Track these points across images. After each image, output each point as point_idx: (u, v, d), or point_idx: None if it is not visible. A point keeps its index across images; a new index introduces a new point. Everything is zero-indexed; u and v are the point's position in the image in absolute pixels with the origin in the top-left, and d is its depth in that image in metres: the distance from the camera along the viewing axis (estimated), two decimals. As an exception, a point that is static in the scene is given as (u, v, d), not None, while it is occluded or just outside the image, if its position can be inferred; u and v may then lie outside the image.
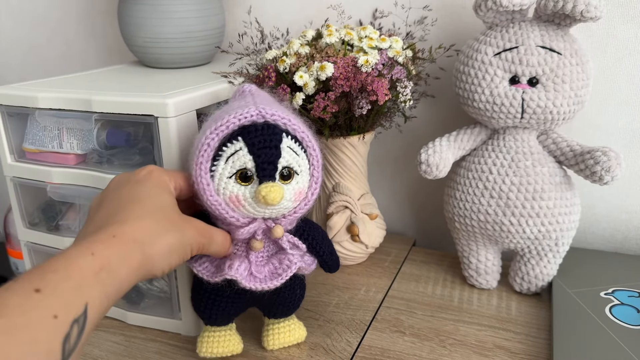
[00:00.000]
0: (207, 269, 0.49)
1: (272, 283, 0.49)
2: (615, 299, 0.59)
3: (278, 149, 0.45)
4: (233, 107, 0.46)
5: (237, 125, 0.44)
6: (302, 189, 0.47)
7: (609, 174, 0.55)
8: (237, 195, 0.45)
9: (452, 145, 0.62)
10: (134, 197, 0.42)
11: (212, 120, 0.46)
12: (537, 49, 0.56)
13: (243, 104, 0.46)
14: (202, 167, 0.45)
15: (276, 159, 0.45)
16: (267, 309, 0.55)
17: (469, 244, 0.65)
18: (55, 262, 0.34)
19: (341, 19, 0.74)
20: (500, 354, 0.54)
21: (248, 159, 0.44)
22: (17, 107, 0.58)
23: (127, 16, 0.69)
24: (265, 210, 0.46)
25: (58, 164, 0.59)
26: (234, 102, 0.48)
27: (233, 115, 0.44)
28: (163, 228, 0.40)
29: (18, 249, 0.84)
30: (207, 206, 0.45)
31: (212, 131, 0.44)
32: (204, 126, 0.47)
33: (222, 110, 0.47)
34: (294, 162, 0.46)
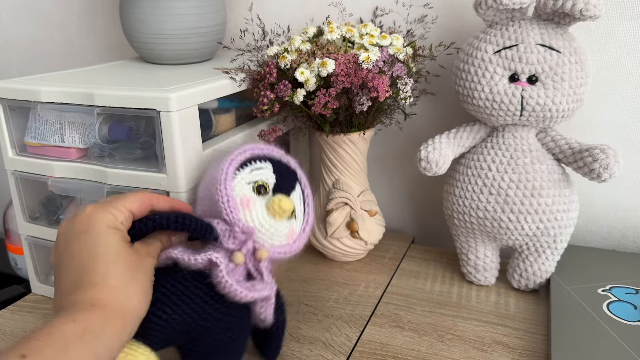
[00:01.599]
0: (188, 252, 0.45)
1: (246, 291, 0.45)
2: (613, 295, 0.59)
3: (294, 183, 0.51)
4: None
5: (267, 154, 0.51)
6: (295, 230, 0.50)
7: (607, 172, 0.55)
8: (249, 199, 0.47)
9: (452, 143, 0.62)
10: (88, 253, 0.40)
11: (240, 146, 0.51)
12: (536, 47, 0.57)
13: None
14: (232, 165, 0.48)
15: (291, 189, 0.50)
16: (189, 350, 0.47)
17: (468, 241, 0.65)
18: (39, 331, 0.35)
19: (342, 16, 0.74)
20: (499, 349, 0.55)
21: (270, 176, 0.49)
22: (19, 101, 0.58)
23: (129, 12, 0.69)
24: (266, 225, 0.47)
25: (60, 158, 0.59)
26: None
27: (265, 146, 0.51)
28: (131, 276, 0.40)
29: (17, 244, 0.84)
30: (219, 197, 0.47)
31: (249, 147, 0.50)
32: (232, 149, 0.51)
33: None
34: (297, 205, 0.50)
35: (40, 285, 0.66)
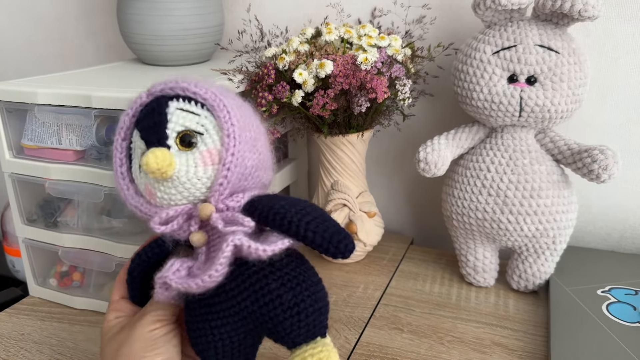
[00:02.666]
0: (181, 279, 0.38)
1: (209, 276, 0.37)
2: (612, 296, 0.59)
3: (162, 115, 0.39)
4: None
5: (131, 121, 0.40)
6: (212, 149, 0.39)
7: (606, 172, 0.55)
8: (147, 185, 0.39)
9: (451, 144, 0.62)
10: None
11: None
12: (535, 47, 0.57)
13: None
14: (120, 174, 0.41)
15: (160, 125, 0.38)
16: (274, 333, 0.39)
17: (467, 242, 0.65)
18: None
19: (340, 17, 0.74)
20: (498, 351, 0.55)
21: (141, 143, 0.39)
22: (16, 103, 0.58)
23: (126, 13, 0.69)
24: (173, 190, 0.38)
25: (57, 160, 0.59)
26: None
27: (126, 113, 0.41)
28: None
29: (15, 246, 0.84)
30: (134, 212, 0.41)
31: (116, 137, 0.41)
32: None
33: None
34: (191, 124, 0.38)
35: (37, 288, 0.66)
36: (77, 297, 0.63)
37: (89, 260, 0.61)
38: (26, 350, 0.56)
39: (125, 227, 0.59)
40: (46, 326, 0.61)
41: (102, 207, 0.60)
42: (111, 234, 0.59)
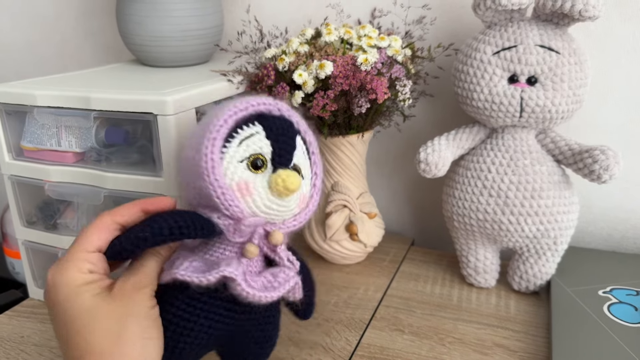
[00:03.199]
0: (196, 269, 0.40)
1: (268, 294, 0.41)
2: (614, 297, 0.59)
3: (294, 140, 0.43)
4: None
5: (255, 110, 0.42)
6: (306, 194, 0.44)
7: (607, 173, 0.55)
8: (247, 182, 0.40)
9: (451, 144, 0.62)
10: (64, 326, 0.36)
11: (219, 108, 0.42)
12: (535, 48, 0.56)
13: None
14: (216, 144, 0.40)
15: (292, 149, 0.42)
16: (232, 355, 0.46)
17: (468, 243, 0.65)
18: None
19: (340, 17, 0.74)
20: (499, 352, 0.54)
21: (265, 144, 0.41)
22: (16, 105, 0.58)
23: (125, 14, 0.69)
24: (273, 205, 0.41)
25: (56, 162, 0.58)
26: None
27: (250, 100, 0.42)
28: (118, 331, 0.36)
29: (15, 248, 0.84)
30: (211, 191, 0.39)
31: (230, 110, 0.41)
32: (208, 116, 0.43)
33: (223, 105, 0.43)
34: (302, 164, 0.43)
35: (37, 290, 0.66)
36: (77, 299, 0.63)
37: (89, 262, 0.60)
38: (26, 353, 0.56)
39: (125, 229, 0.59)
40: (46, 328, 0.60)
41: (102, 209, 0.60)
42: (111, 236, 0.59)
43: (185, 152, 0.43)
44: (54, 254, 0.62)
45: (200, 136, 0.40)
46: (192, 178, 0.41)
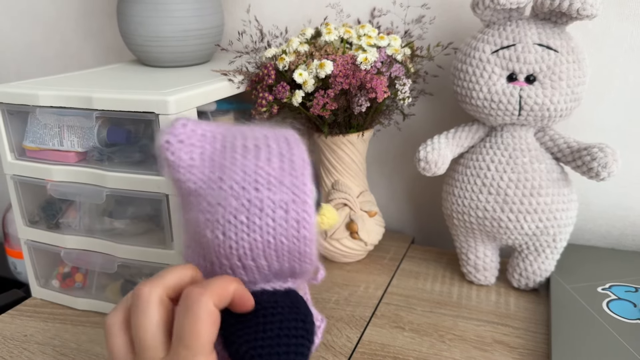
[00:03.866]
0: None
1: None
2: (613, 294, 0.59)
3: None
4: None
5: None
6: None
7: (606, 170, 0.55)
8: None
9: (451, 143, 0.63)
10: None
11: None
12: (534, 46, 0.57)
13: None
14: (311, 195, 0.36)
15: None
16: None
17: (468, 241, 0.65)
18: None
19: (340, 17, 0.74)
20: (499, 349, 0.55)
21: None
22: (18, 105, 0.58)
23: (126, 15, 0.69)
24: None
25: (58, 161, 0.59)
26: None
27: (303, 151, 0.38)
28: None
29: (17, 248, 0.84)
30: (306, 263, 0.36)
31: (306, 160, 0.37)
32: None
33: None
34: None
35: (40, 290, 0.66)
36: (79, 298, 0.63)
37: (91, 261, 0.61)
38: (29, 352, 0.57)
39: (127, 228, 0.60)
40: (49, 327, 0.61)
41: (104, 209, 0.60)
42: (113, 235, 0.59)
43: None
44: (56, 253, 0.63)
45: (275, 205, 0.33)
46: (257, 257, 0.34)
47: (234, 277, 0.34)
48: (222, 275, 0.34)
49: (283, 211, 0.33)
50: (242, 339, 0.32)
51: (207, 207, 0.34)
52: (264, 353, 0.32)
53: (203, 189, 0.34)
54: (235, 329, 0.33)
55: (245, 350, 0.32)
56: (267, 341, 0.32)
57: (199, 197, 0.34)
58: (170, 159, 0.34)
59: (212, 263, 0.35)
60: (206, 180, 0.34)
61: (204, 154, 0.34)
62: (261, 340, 0.32)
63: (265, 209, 0.33)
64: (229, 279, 0.33)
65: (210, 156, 0.35)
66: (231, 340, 0.32)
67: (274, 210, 0.33)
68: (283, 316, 0.34)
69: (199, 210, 0.34)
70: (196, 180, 0.34)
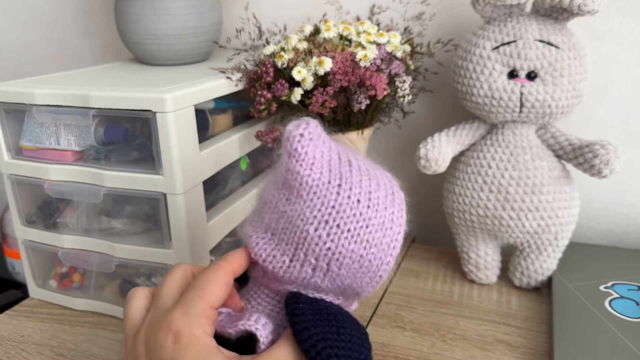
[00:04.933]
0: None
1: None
2: (615, 292, 0.59)
3: None
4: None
5: None
6: None
7: (608, 167, 0.55)
8: None
9: (451, 140, 0.62)
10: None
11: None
12: (535, 42, 0.56)
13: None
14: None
15: None
16: None
17: (469, 239, 0.65)
18: None
19: (339, 14, 0.74)
20: (501, 348, 0.54)
21: None
22: (14, 104, 0.58)
23: (124, 13, 0.69)
24: None
25: (55, 160, 0.58)
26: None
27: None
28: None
29: (15, 248, 0.84)
30: (376, 282, 0.39)
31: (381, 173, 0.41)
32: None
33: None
34: None
35: (38, 290, 0.66)
36: (77, 298, 0.63)
37: (89, 261, 0.60)
38: (27, 352, 0.56)
39: (125, 228, 0.59)
40: (46, 328, 0.60)
41: (102, 208, 0.60)
42: (111, 234, 0.59)
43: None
44: (53, 253, 0.62)
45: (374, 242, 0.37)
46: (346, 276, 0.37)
47: (304, 276, 0.37)
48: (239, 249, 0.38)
49: (382, 234, 0.37)
50: (319, 335, 0.34)
51: (319, 206, 0.36)
52: (341, 354, 0.34)
53: (320, 188, 0.36)
54: (310, 324, 0.35)
55: (323, 347, 0.34)
56: (343, 344, 0.35)
57: (312, 195, 0.36)
58: (299, 151, 0.36)
59: (295, 259, 0.37)
60: (325, 181, 0.36)
61: (323, 158, 0.37)
62: (337, 342, 0.34)
63: (370, 226, 0.37)
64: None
65: (328, 162, 0.37)
66: (307, 334, 0.34)
67: (377, 230, 0.37)
68: (351, 325, 0.36)
69: (307, 206, 0.36)
70: (315, 178, 0.36)
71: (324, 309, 0.37)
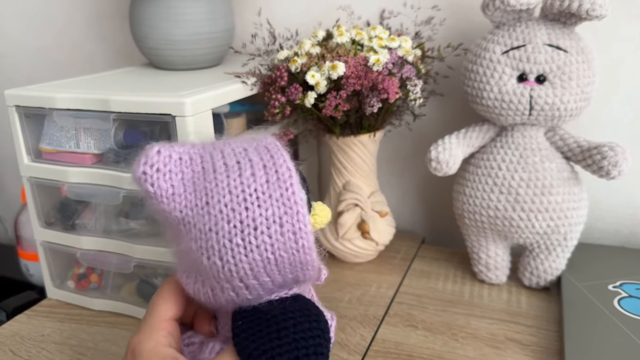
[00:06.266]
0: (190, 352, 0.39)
1: None
2: (624, 291, 0.60)
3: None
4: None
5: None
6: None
7: (616, 169, 0.56)
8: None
9: (462, 143, 0.63)
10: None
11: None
12: (544, 47, 0.57)
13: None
14: (306, 217, 0.35)
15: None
16: None
17: (479, 240, 0.66)
18: None
19: (350, 19, 0.75)
20: (512, 346, 0.55)
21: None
22: (35, 108, 0.59)
23: (139, 19, 0.70)
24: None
25: (75, 163, 0.59)
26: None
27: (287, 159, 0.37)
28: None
29: (29, 250, 0.85)
30: (308, 267, 0.35)
31: (287, 160, 0.36)
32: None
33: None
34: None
35: (55, 290, 0.67)
36: (95, 298, 0.64)
37: (107, 261, 0.62)
38: (47, 351, 0.57)
39: (143, 229, 0.60)
40: (65, 327, 0.62)
41: (120, 209, 0.61)
42: (129, 235, 0.60)
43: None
44: (71, 254, 0.63)
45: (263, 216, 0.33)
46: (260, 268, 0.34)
47: (231, 298, 0.34)
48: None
49: (278, 225, 0.33)
50: (259, 350, 0.32)
51: (198, 234, 0.33)
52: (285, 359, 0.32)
53: (190, 216, 0.33)
54: (249, 342, 0.33)
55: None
56: (285, 347, 0.32)
57: (188, 225, 0.34)
58: (150, 190, 0.33)
59: (214, 287, 0.34)
60: (192, 206, 0.33)
61: (184, 179, 0.34)
62: (278, 347, 0.32)
63: (259, 226, 0.33)
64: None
65: (191, 180, 0.34)
66: (247, 353, 0.33)
67: (269, 226, 0.33)
68: (295, 320, 0.34)
69: (190, 238, 0.34)
70: (182, 209, 0.33)
71: (263, 316, 0.34)
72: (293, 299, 0.35)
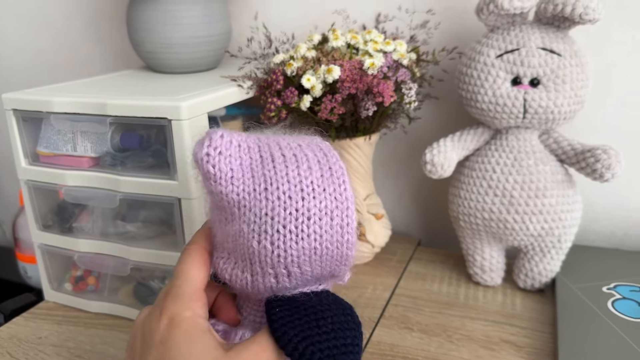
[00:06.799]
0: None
1: None
2: (618, 293, 0.60)
3: None
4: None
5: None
6: None
7: (610, 172, 0.56)
8: None
9: (456, 146, 0.64)
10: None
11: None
12: (538, 50, 0.58)
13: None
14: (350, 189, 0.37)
15: None
16: None
17: (474, 242, 0.66)
18: None
19: (346, 23, 0.75)
20: (507, 348, 0.56)
21: None
22: (32, 112, 0.59)
23: (136, 22, 0.70)
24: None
25: (72, 166, 0.60)
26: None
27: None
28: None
29: (27, 253, 0.85)
30: (345, 265, 0.38)
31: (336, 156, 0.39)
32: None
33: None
34: None
35: (53, 293, 0.67)
36: (92, 301, 0.65)
37: (104, 264, 0.62)
38: (45, 354, 0.58)
39: (140, 232, 0.61)
40: (63, 330, 0.62)
41: (117, 212, 0.61)
42: (126, 238, 0.61)
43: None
44: (69, 257, 0.64)
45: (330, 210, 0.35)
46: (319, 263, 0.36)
47: (270, 285, 0.36)
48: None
49: (329, 218, 0.35)
50: (299, 336, 0.34)
51: (253, 217, 0.35)
52: (324, 347, 0.33)
53: (247, 199, 0.35)
54: (289, 327, 0.34)
55: (305, 347, 0.33)
56: (324, 336, 0.34)
57: (243, 209, 0.35)
58: (211, 171, 0.34)
59: (255, 273, 0.36)
60: (250, 191, 0.35)
61: (242, 165, 0.35)
62: (318, 336, 0.34)
63: (313, 217, 0.35)
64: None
65: (249, 166, 0.35)
66: (287, 339, 0.34)
67: (321, 217, 0.35)
68: (332, 312, 0.35)
69: (243, 221, 0.35)
70: (239, 192, 0.35)
71: (301, 305, 0.35)
72: (327, 293, 0.37)
